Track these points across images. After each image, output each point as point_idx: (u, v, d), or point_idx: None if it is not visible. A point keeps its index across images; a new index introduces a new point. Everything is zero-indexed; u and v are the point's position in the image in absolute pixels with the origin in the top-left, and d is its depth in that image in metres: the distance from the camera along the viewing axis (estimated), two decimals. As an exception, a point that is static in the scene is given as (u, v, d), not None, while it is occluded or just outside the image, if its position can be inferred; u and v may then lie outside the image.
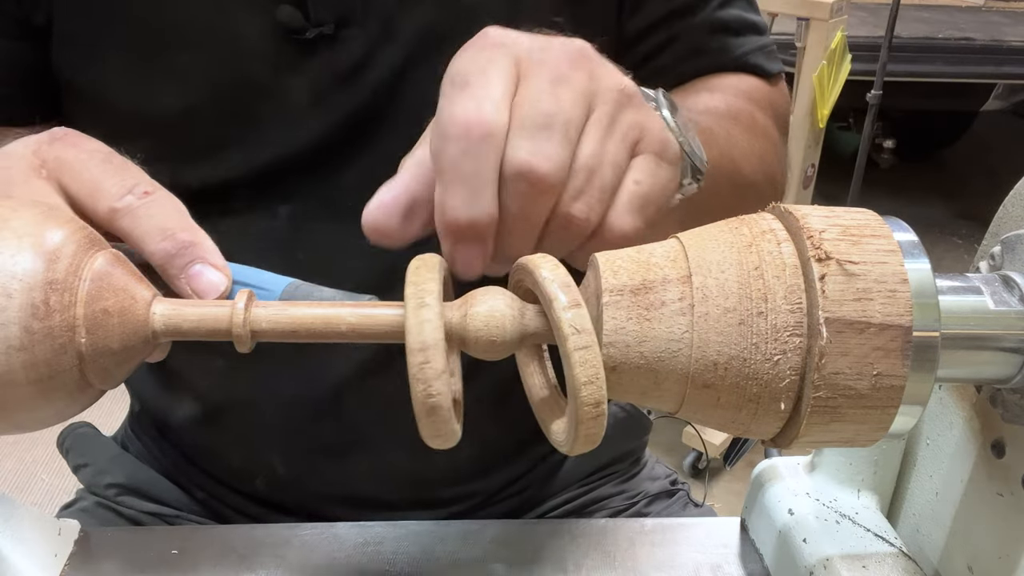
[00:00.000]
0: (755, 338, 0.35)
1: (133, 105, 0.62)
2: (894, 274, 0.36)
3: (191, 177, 0.64)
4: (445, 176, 0.39)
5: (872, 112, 2.24)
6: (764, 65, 0.72)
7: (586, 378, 0.34)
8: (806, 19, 2.01)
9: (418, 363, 0.35)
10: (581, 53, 0.42)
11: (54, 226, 0.36)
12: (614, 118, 0.41)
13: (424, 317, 0.35)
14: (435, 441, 0.37)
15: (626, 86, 0.42)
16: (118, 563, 0.57)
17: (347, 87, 0.62)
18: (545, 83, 0.40)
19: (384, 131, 0.64)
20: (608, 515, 0.80)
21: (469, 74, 0.39)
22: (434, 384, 0.35)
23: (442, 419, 0.36)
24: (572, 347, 0.34)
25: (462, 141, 0.38)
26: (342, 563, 0.58)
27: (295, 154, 0.64)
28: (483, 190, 0.38)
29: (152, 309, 0.38)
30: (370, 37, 0.62)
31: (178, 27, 0.61)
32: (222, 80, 0.62)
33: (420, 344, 0.35)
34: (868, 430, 0.37)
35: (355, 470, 0.72)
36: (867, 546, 0.51)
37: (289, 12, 0.60)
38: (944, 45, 3.01)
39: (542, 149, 0.38)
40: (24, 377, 0.35)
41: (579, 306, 0.35)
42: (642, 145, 0.42)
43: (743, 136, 0.62)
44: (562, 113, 0.39)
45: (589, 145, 0.40)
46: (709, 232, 0.39)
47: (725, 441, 2.07)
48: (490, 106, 0.38)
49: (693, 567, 0.58)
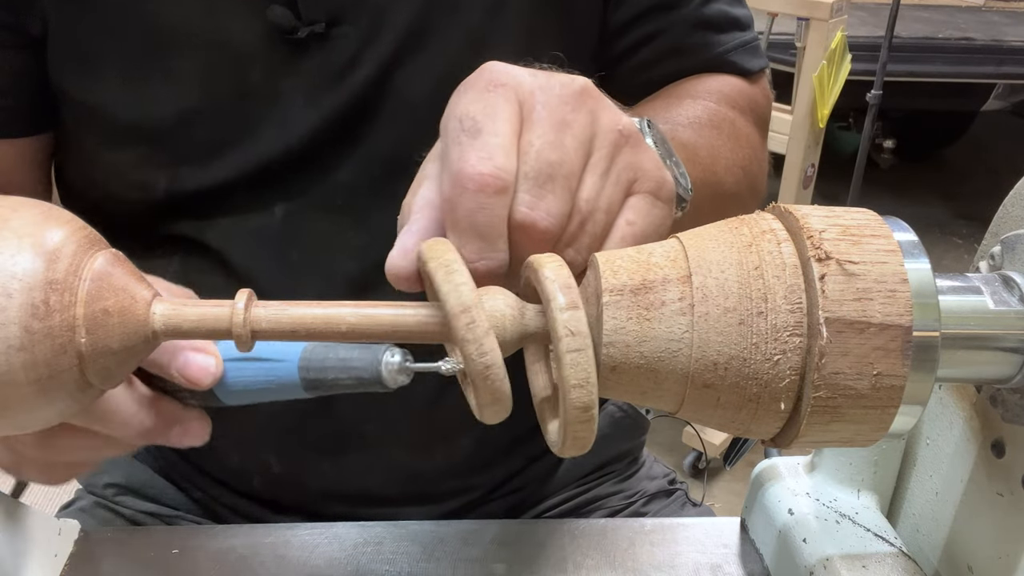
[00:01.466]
0: (755, 338, 0.35)
1: (130, 112, 0.62)
2: (894, 274, 0.36)
3: (188, 181, 0.65)
4: (460, 227, 0.39)
5: (872, 112, 2.24)
6: (745, 64, 0.73)
7: (576, 381, 0.34)
8: (806, 19, 2.01)
9: (464, 324, 0.35)
10: (583, 93, 0.42)
11: (54, 226, 0.36)
12: (612, 160, 0.42)
13: (457, 281, 0.36)
14: (491, 409, 0.37)
15: (624, 126, 0.43)
16: (118, 563, 0.57)
17: (339, 85, 0.63)
18: (548, 129, 0.40)
19: (375, 127, 0.64)
20: (606, 514, 0.80)
21: (478, 120, 0.40)
22: (485, 342, 0.35)
23: (498, 378, 0.36)
24: (564, 349, 0.35)
25: (479, 195, 0.38)
26: (342, 563, 0.58)
27: (289, 153, 0.64)
28: (497, 241, 0.39)
29: (152, 309, 0.38)
30: (360, 34, 0.62)
31: (171, 32, 0.61)
32: (217, 83, 0.62)
33: (461, 306, 0.35)
34: (868, 430, 0.37)
35: (352, 466, 0.72)
36: (867, 546, 0.51)
37: (280, 12, 0.60)
38: (944, 45, 3.02)
39: (544, 204, 0.39)
40: (24, 377, 0.34)
41: (576, 308, 0.35)
42: (637, 185, 0.43)
43: (726, 147, 0.63)
44: (565, 164, 0.40)
45: (586, 191, 0.41)
46: (709, 232, 0.39)
47: (725, 441, 2.07)
48: (503, 160, 0.39)
49: (693, 567, 0.58)
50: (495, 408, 0.37)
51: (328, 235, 0.66)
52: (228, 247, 0.66)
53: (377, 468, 0.72)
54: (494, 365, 0.35)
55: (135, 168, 0.64)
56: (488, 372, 0.35)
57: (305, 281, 0.65)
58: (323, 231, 0.66)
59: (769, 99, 0.77)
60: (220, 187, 0.64)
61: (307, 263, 0.66)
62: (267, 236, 0.65)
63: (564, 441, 0.36)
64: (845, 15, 2.03)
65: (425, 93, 0.63)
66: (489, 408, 0.37)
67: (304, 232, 0.66)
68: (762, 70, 0.75)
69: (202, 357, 0.42)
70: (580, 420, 0.35)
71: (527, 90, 0.41)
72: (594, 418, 0.36)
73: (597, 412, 0.36)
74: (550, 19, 0.66)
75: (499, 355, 0.35)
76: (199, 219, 0.66)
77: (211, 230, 0.66)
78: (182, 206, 0.65)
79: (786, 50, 2.20)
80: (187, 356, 0.42)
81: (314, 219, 0.65)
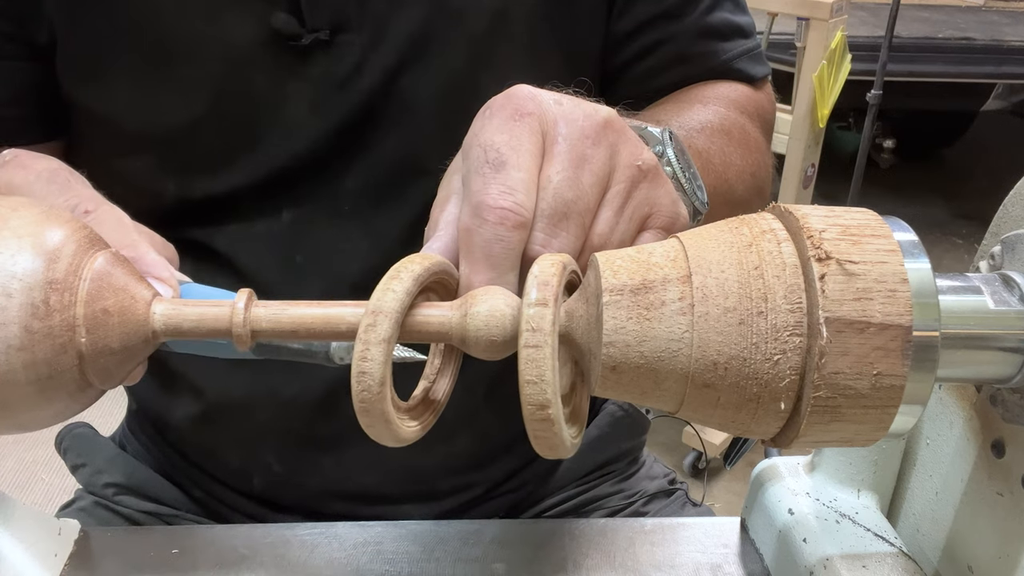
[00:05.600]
0: (755, 338, 0.35)
1: (138, 120, 0.63)
2: (894, 274, 0.36)
3: (196, 188, 0.65)
4: (474, 255, 0.40)
5: (872, 112, 2.24)
6: (750, 70, 0.74)
7: (530, 377, 0.35)
8: (806, 19, 2.01)
9: (365, 324, 0.35)
10: (605, 126, 0.43)
11: (54, 226, 0.36)
12: (628, 196, 0.43)
13: (393, 287, 0.36)
14: (362, 420, 0.36)
15: (644, 161, 0.43)
16: (118, 563, 0.57)
17: (343, 92, 0.63)
18: (568, 165, 0.41)
19: (379, 134, 0.64)
20: (606, 514, 0.80)
21: (503, 153, 0.40)
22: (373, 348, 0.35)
23: (366, 387, 0.35)
24: (523, 344, 0.35)
25: (498, 227, 0.39)
26: (342, 563, 0.58)
27: (296, 160, 0.64)
28: (508, 273, 0.40)
29: (152, 309, 0.38)
30: (364, 41, 0.62)
31: (177, 40, 0.61)
32: (223, 91, 0.62)
33: (375, 308, 0.35)
34: (868, 430, 0.37)
35: (352, 464, 0.72)
36: (867, 546, 0.51)
37: (284, 19, 0.60)
38: (944, 45, 3.02)
39: (557, 243, 0.40)
40: (24, 377, 0.35)
41: (544, 305, 0.35)
42: (651, 220, 0.44)
43: (737, 153, 0.63)
44: (580, 201, 0.41)
45: (600, 226, 0.42)
46: (709, 232, 0.39)
47: (725, 441, 2.07)
48: (523, 196, 0.40)
49: (693, 567, 0.58)
50: (365, 420, 0.36)
51: (334, 240, 0.66)
52: (236, 252, 0.66)
53: (377, 466, 0.73)
54: (368, 374, 0.35)
55: (144, 175, 0.65)
56: (361, 378, 0.35)
57: (311, 284, 0.66)
58: (329, 236, 0.66)
59: (774, 105, 0.77)
60: (228, 194, 0.65)
61: (313, 267, 0.66)
62: (274, 241, 0.66)
63: (531, 441, 0.37)
64: (845, 15, 2.03)
65: (430, 100, 0.64)
66: (361, 419, 0.36)
67: (311, 237, 0.66)
68: (766, 77, 0.76)
69: (159, 286, 0.42)
70: (536, 418, 0.35)
71: (551, 120, 0.42)
72: (551, 419, 0.35)
73: (559, 413, 0.36)
74: (554, 27, 0.66)
75: (379, 367, 0.35)
76: (207, 225, 0.66)
77: (219, 235, 0.66)
78: (190, 212, 0.65)
79: (786, 50, 2.20)
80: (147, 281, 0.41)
81: (320, 224, 0.66)
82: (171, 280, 0.43)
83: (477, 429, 0.74)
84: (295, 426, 0.71)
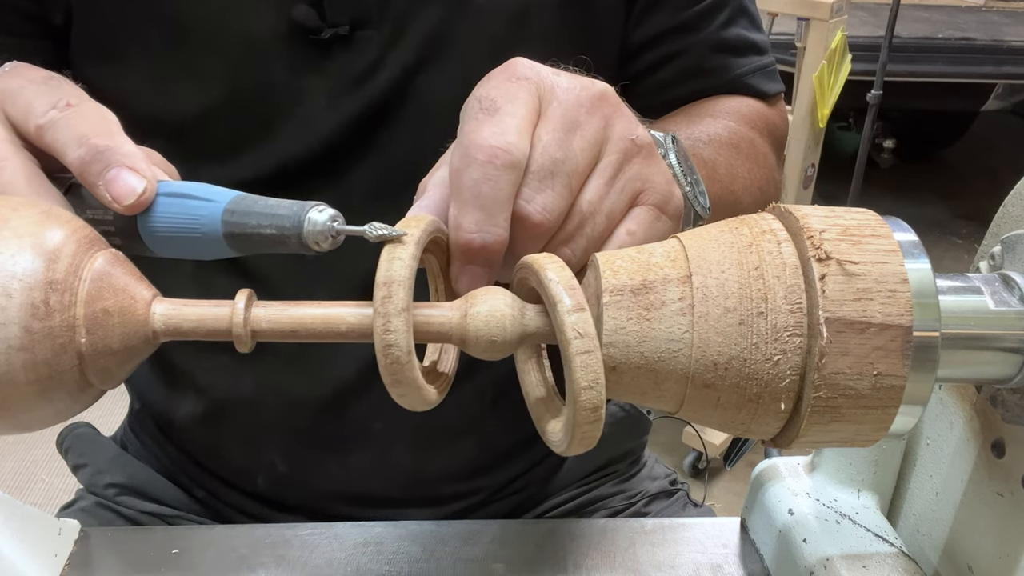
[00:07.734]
0: (755, 338, 0.35)
1: (151, 105, 0.62)
2: (894, 274, 0.36)
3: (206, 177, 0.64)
4: (463, 196, 0.39)
5: (872, 112, 2.24)
6: (763, 86, 0.74)
7: (586, 383, 0.35)
8: (806, 19, 2.01)
9: (380, 297, 0.35)
10: (600, 98, 0.43)
11: (54, 226, 0.36)
12: (620, 168, 0.42)
13: (398, 254, 0.36)
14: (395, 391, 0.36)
15: (638, 136, 0.43)
16: (118, 563, 0.57)
17: (360, 88, 0.63)
18: (558, 127, 0.41)
19: (393, 132, 0.64)
20: (607, 515, 0.80)
21: (498, 101, 0.40)
22: (394, 319, 0.35)
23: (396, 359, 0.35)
24: (575, 351, 0.35)
25: (487, 166, 0.39)
26: (342, 563, 0.58)
27: (309, 154, 0.64)
28: (498, 215, 0.39)
29: (152, 309, 0.38)
30: (383, 39, 0.62)
31: (196, 27, 0.61)
32: (239, 81, 0.62)
33: (385, 279, 0.35)
34: (868, 430, 0.37)
35: (357, 467, 0.72)
36: (867, 546, 0.51)
37: (305, 11, 0.60)
38: (944, 45, 3.02)
39: (541, 199, 0.40)
40: (24, 377, 0.34)
41: (583, 310, 0.35)
42: (643, 196, 0.43)
43: (744, 166, 0.63)
44: (569, 161, 0.40)
45: (589, 193, 0.41)
46: (709, 232, 0.39)
47: (725, 441, 2.07)
48: (516, 136, 0.39)
49: (693, 567, 0.58)
50: (397, 391, 0.36)
51: None
52: None
53: (381, 470, 0.73)
54: (395, 345, 0.35)
55: None
56: (388, 351, 0.35)
57: (318, 282, 0.66)
58: None
59: (786, 121, 0.77)
60: (238, 185, 0.64)
61: (321, 264, 0.66)
62: None
63: (572, 441, 0.36)
64: (845, 15, 2.03)
65: (446, 100, 0.63)
66: (393, 390, 0.36)
67: None
68: (779, 93, 0.75)
69: (132, 176, 0.40)
70: (589, 421, 0.35)
71: (547, 86, 0.42)
72: (602, 419, 0.36)
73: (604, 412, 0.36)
74: (573, 31, 0.66)
75: (404, 337, 0.35)
76: None
77: None
78: None
79: (786, 50, 2.20)
80: (117, 171, 0.40)
81: None
82: (147, 172, 0.41)
83: (483, 436, 0.74)
84: (301, 426, 0.71)
